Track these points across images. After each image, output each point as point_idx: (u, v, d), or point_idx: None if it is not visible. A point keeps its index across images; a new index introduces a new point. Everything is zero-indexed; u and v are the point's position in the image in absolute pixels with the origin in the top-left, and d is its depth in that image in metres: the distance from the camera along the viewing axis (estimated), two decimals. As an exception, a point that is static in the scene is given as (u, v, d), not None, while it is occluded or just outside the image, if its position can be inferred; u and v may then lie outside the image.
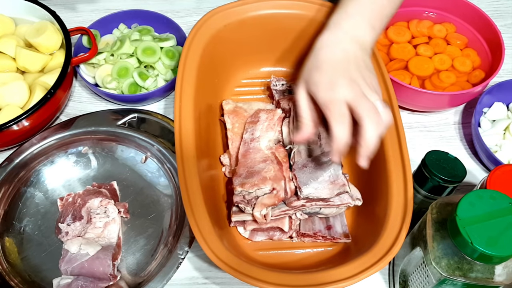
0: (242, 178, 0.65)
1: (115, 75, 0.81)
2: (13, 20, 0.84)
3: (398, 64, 0.82)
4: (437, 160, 0.62)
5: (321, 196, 0.62)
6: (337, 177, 0.62)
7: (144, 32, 0.85)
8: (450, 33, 0.86)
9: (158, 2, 0.95)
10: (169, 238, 0.68)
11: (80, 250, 0.64)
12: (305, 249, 0.66)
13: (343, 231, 0.67)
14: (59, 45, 0.81)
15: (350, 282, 0.54)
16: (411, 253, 0.57)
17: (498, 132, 0.77)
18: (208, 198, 0.61)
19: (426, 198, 0.64)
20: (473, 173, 0.77)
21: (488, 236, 0.46)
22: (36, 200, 0.72)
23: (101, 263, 0.63)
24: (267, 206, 0.62)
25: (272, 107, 0.76)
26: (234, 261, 0.56)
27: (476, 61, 0.83)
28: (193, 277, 0.68)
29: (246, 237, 0.67)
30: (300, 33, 0.77)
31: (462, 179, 0.61)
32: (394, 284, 0.64)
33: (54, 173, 0.75)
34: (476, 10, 0.84)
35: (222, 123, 0.75)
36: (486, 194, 0.49)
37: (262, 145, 0.69)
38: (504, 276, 0.49)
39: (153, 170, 0.75)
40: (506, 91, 0.79)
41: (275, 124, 0.71)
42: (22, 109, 0.75)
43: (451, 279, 0.51)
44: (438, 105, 0.79)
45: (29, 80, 0.79)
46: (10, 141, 0.75)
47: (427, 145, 0.79)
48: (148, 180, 0.74)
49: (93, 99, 0.84)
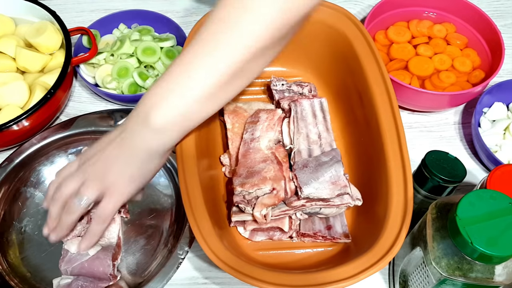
0: (242, 178, 0.65)
1: (115, 75, 0.81)
2: (13, 20, 0.84)
3: (398, 64, 0.82)
4: (437, 160, 0.62)
5: (321, 196, 0.62)
6: (339, 178, 0.62)
7: (144, 32, 0.85)
8: (450, 33, 0.86)
9: (158, 2, 0.95)
10: (169, 238, 0.68)
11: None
12: (305, 249, 0.66)
13: (343, 231, 0.67)
14: (59, 45, 0.81)
15: (350, 282, 0.54)
16: (411, 253, 0.57)
17: (498, 132, 0.77)
18: (208, 198, 0.61)
19: (426, 198, 0.64)
20: (473, 173, 0.77)
21: (488, 236, 0.46)
22: (36, 200, 0.72)
23: (101, 263, 0.63)
24: (267, 206, 0.62)
25: (272, 107, 0.76)
26: (234, 261, 0.56)
27: (476, 61, 0.83)
28: (193, 277, 0.68)
29: (246, 237, 0.67)
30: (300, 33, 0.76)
31: (462, 179, 0.61)
32: (394, 284, 0.64)
33: (54, 173, 0.74)
34: (476, 10, 0.84)
35: (222, 123, 0.75)
36: (486, 194, 0.49)
37: (262, 145, 0.69)
38: (504, 276, 0.49)
39: (153, 170, 0.75)
40: (506, 91, 0.79)
41: (275, 124, 0.71)
42: (22, 109, 0.75)
43: (451, 279, 0.51)
44: (438, 105, 0.79)
45: (29, 80, 0.79)
46: (10, 141, 0.75)
47: (427, 145, 0.79)
48: (148, 180, 0.74)
49: (93, 99, 0.84)
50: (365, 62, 0.70)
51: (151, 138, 0.53)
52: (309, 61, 0.80)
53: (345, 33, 0.73)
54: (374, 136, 0.66)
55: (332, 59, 0.77)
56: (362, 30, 0.73)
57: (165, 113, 0.51)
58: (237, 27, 0.49)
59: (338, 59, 0.76)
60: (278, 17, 0.49)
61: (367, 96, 0.68)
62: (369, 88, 0.68)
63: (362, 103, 0.70)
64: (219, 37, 0.49)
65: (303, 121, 0.70)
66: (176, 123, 0.52)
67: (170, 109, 0.51)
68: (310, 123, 0.70)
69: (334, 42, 0.75)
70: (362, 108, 0.70)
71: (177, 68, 0.51)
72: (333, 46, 0.75)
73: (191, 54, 0.50)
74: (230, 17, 0.49)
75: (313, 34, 0.76)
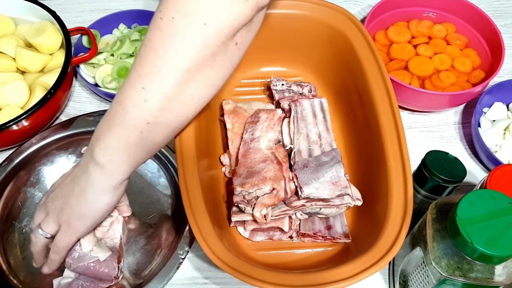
0: (242, 178, 0.65)
1: (115, 75, 0.81)
2: (13, 20, 0.84)
3: (398, 64, 0.82)
4: (437, 160, 0.62)
5: (321, 196, 0.62)
6: (339, 179, 0.62)
7: (144, 32, 0.85)
8: (450, 33, 0.86)
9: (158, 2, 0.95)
10: (169, 238, 0.68)
11: (91, 252, 0.63)
12: (305, 249, 0.66)
13: (343, 231, 0.66)
14: (59, 45, 0.81)
15: (350, 282, 0.54)
16: (411, 253, 0.57)
17: (498, 132, 0.77)
18: (208, 198, 0.61)
19: (426, 198, 0.64)
20: (473, 173, 0.77)
21: (488, 236, 0.46)
22: (36, 200, 0.72)
23: (107, 265, 0.63)
24: (267, 206, 0.62)
25: (272, 107, 0.76)
26: (234, 261, 0.56)
27: (476, 61, 0.83)
28: (193, 277, 0.68)
29: (246, 237, 0.67)
30: (300, 33, 0.77)
31: (462, 179, 0.61)
32: (394, 284, 0.64)
33: (54, 173, 0.74)
34: (476, 10, 0.84)
35: (222, 123, 0.75)
36: (486, 194, 0.49)
37: (262, 145, 0.69)
38: (504, 276, 0.49)
39: (153, 170, 0.75)
40: (506, 91, 0.79)
41: (275, 124, 0.71)
42: (22, 109, 0.75)
43: (451, 279, 0.51)
44: (438, 105, 0.79)
45: (29, 80, 0.79)
46: (10, 141, 0.75)
47: (427, 145, 0.79)
48: (148, 180, 0.74)
49: (93, 99, 0.84)
50: (365, 62, 0.70)
51: (97, 174, 0.52)
52: (309, 61, 0.80)
53: (345, 33, 0.73)
54: (374, 136, 0.66)
55: (332, 59, 0.77)
56: (362, 30, 0.73)
57: (105, 146, 0.50)
58: (167, 54, 0.47)
59: (338, 59, 0.76)
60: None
61: (367, 96, 0.68)
62: (369, 88, 0.68)
63: (362, 103, 0.70)
64: (149, 62, 0.48)
65: (303, 121, 0.70)
66: (119, 157, 0.51)
67: (110, 142, 0.50)
68: (310, 123, 0.70)
69: (334, 42, 0.75)
70: (362, 108, 0.70)
71: (114, 100, 0.51)
72: (333, 46, 0.76)
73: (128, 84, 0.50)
74: (157, 44, 0.48)
75: (313, 34, 0.76)
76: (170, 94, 0.48)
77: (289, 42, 0.79)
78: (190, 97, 0.50)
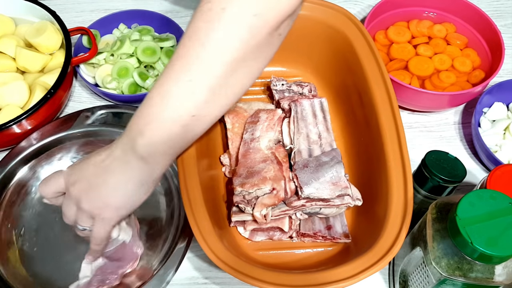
0: (242, 178, 0.65)
1: (115, 75, 0.81)
2: (13, 20, 0.84)
3: (398, 64, 0.82)
4: (437, 160, 0.62)
5: (322, 196, 0.62)
6: (339, 179, 0.62)
7: (144, 32, 0.85)
8: (450, 33, 0.86)
9: (158, 2, 0.95)
10: (169, 238, 0.68)
11: (118, 237, 0.62)
12: (305, 249, 0.66)
13: (343, 231, 0.67)
14: (59, 45, 0.81)
15: (350, 282, 0.54)
16: (411, 253, 0.57)
17: (498, 132, 0.77)
18: (208, 198, 0.61)
19: (426, 198, 0.64)
20: (473, 173, 0.77)
21: (488, 236, 0.46)
22: (36, 200, 0.72)
23: (132, 245, 0.62)
24: (267, 206, 0.62)
25: (272, 107, 0.76)
26: (234, 261, 0.56)
27: (476, 61, 0.83)
28: (193, 277, 0.67)
29: (246, 237, 0.67)
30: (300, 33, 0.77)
31: (462, 179, 0.61)
32: (394, 284, 0.64)
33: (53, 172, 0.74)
34: (476, 10, 0.84)
35: (222, 123, 0.75)
36: (486, 194, 0.49)
37: (262, 145, 0.69)
38: (504, 276, 0.49)
39: (153, 170, 0.75)
40: (506, 91, 0.79)
41: (275, 124, 0.71)
42: (22, 109, 0.75)
43: (451, 279, 0.51)
44: (438, 105, 0.79)
45: (29, 80, 0.79)
46: (10, 141, 0.75)
47: (427, 145, 0.79)
48: (148, 180, 0.74)
49: (93, 99, 0.84)
50: (365, 62, 0.70)
51: (140, 167, 0.51)
52: (309, 61, 0.80)
53: (345, 33, 0.73)
54: (374, 136, 0.66)
55: (332, 59, 0.77)
56: (362, 30, 0.73)
57: (149, 141, 0.50)
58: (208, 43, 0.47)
59: (338, 59, 0.76)
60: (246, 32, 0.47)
61: (367, 96, 0.68)
62: (369, 88, 0.68)
63: (362, 103, 0.70)
64: (194, 54, 0.48)
65: (303, 121, 0.70)
66: (162, 150, 0.51)
67: (154, 136, 0.50)
68: (310, 123, 0.70)
69: (334, 42, 0.75)
70: (362, 108, 0.70)
71: (155, 92, 0.50)
72: (333, 46, 0.76)
73: (168, 79, 0.49)
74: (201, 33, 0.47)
75: (313, 34, 0.76)
76: (216, 86, 0.48)
77: (289, 42, 0.78)
78: (233, 88, 0.50)
